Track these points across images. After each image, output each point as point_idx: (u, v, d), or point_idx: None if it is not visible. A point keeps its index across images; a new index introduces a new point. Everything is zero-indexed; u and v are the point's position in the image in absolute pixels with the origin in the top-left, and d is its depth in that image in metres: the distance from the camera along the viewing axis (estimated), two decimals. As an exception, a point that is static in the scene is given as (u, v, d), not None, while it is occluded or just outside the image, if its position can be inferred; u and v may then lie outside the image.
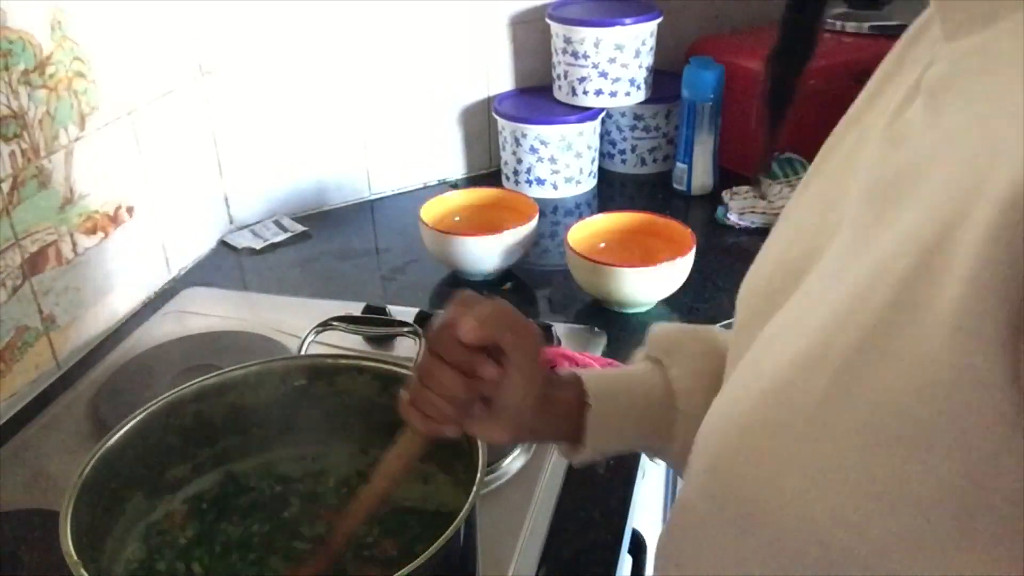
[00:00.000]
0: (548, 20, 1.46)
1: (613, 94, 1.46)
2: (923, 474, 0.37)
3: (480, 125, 1.57)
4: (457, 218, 1.33)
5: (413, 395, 0.59)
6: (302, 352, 1.00)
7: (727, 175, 1.50)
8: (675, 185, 1.51)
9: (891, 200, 0.43)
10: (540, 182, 1.50)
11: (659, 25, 1.46)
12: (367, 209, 1.51)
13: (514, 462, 0.89)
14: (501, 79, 1.56)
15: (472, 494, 0.60)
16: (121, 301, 1.18)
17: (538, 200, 1.33)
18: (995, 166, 0.35)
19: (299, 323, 1.08)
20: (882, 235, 0.42)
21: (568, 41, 1.44)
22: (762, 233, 0.76)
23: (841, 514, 0.40)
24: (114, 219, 1.15)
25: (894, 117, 0.48)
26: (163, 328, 1.16)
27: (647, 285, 1.14)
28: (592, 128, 1.49)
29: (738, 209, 1.38)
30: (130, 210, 1.18)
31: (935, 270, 0.36)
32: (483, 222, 1.30)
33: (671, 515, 0.55)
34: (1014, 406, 0.35)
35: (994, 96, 0.38)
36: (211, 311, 1.19)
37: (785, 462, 0.42)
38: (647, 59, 1.46)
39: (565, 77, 1.48)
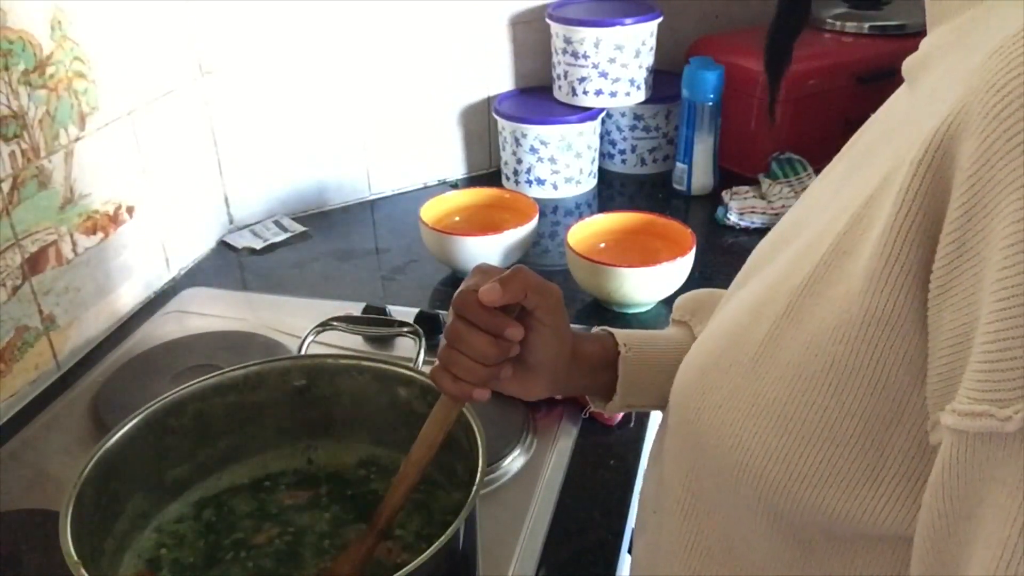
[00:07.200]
0: (548, 20, 1.46)
1: (613, 94, 1.46)
2: (840, 412, 0.41)
3: (480, 125, 1.57)
4: (457, 218, 1.33)
5: (443, 359, 0.61)
6: (302, 352, 1.00)
7: (727, 175, 1.50)
8: (675, 185, 1.51)
9: (857, 164, 0.47)
10: (540, 182, 1.50)
11: (659, 25, 1.46)
12: (367, 209, 1.51)
13: (514, 462, 0.89)
14: (501, 79, 1.56)
15: (472, 494, 0.60)
16: (121, 301, 1.18)
17: (538, 200, 1.33)
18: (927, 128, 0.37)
19: (299, 323, 1.08)
20: (843, 193, 0.46)
21: (568, 41, 1.44)
22: (762, 233, 0.77)
23: (772, 448, 0.44)
24: (114, 219, 1.15)
25: None
26: (163, 328, 1.16)
27: (647, 285, 1.14)
28: (592, 128, 1.49)
29: (738, 209, 1.38)
30: (130, 210, 1.18)
31: (865, 221, 0.40)
32: (483, 222, 1.30)
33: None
34: (920, 353, 0.37)
35: (957, 66, 0.40)
36: (211, 311, 1.19)
37: (729, 398, 0.46)
38: (647, 59, 1.46)
39: (565, 77, 1.48)
